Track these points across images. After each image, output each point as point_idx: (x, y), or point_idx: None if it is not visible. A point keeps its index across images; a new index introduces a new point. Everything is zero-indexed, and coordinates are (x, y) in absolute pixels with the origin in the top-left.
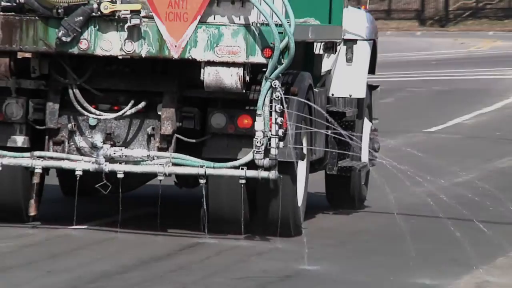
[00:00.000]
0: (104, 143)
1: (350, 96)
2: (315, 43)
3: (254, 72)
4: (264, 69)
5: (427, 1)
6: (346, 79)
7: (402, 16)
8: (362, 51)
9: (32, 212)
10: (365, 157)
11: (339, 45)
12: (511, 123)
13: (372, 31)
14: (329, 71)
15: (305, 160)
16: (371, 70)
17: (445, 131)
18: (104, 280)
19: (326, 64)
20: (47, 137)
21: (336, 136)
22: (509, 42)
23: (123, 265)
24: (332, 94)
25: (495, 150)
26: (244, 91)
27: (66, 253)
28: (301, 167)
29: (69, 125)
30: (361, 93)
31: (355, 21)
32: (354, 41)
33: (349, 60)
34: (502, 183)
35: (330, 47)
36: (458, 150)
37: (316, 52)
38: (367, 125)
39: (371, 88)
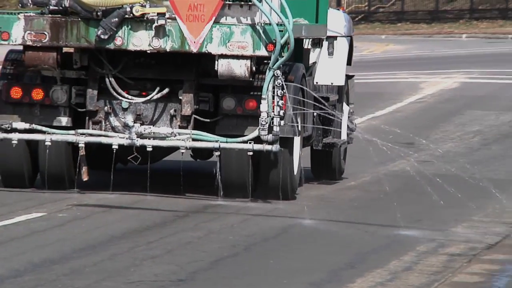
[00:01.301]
0: (134, 123)
1: (332, 84)
2: (304, 39)
3: (259, 63)
4: (268, 61)
5: None
6: (328, 69)
7: None
8: (342, 46)
9: (85, 177)
10: (344, 135)
11: (323, 41)
12: (404, 127)
13: (349, 29)
14: (314, 63)
15: (300, 136)
16: (349, 62)
17: None
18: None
19: (312, 57)
20: (87, 117)
21: (325, 115)
22: (402, 45)
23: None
24: (317, 82)
25: (388, 154)
26: (250, 79)
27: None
28: (296, 142)
29: (106, 108)
30: (341, 81)
31: (335, 21)
32: (335, 38)
33: (330, 53)
34: (395, 185)
35: (317, 43)
36: (351, 154)
37: (305, 47)
38: (345, 108)
39: (348, 77)
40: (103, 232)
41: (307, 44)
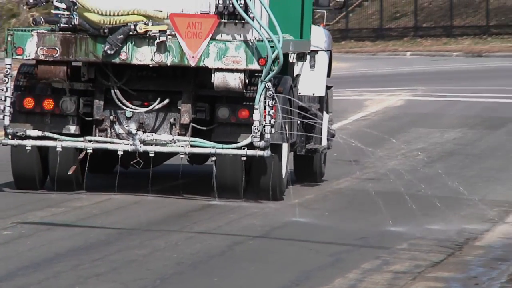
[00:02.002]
0: (137, 130)
1: (314, 94)
2: (290, 53)
3: (251, 76)
4: (259, 74)
5: None
6: (310, 81)
7: None
8: (322, 59)
9: (70, 172)
10: (324, 141)
11: (307, 55)
12: (349, 144)
13: (329, 44)
14: (298, 75)
15: (288, 142)
16: (328, 74)
17: None
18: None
19: (297, 69)
20: (94, 126)
21: (308, 123)
22: (346, 63)
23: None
24: (300, 93)
25: (332, 171)
26: (243, 90)
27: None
28: (285, 148)
29: (111, 117)
30: (322, 92)
31: (316, 36)
32: (316, 52)
33: (312, 66)
34: (339, 203)
35: (302, 57)
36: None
37: (291, 60)
38: (325, 116)
39: (327, 88)
40: (48, 249)
41: (292, 58)
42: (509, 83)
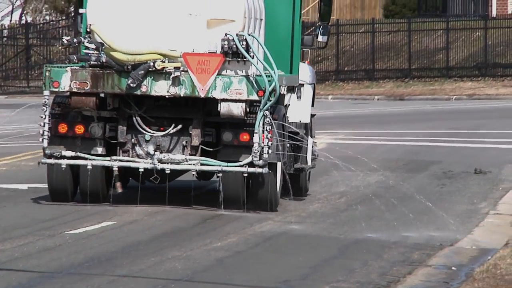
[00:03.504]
0: (155, 151)
1: (300, 121)
2: (282, 86)
3: (251, 106)
4: (258, 104)
5: None
6: (297, 110)
7: None
8: (307, 91)
9: (120, 190)
10: (309, 161)
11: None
12: None
13: (313, 78)
14: (288, 105)
15: (281, 161)
16: (312, 104)
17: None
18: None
19: (286, 99)
20: (118, 147)
21: (296, 146)
22: None
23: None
24: (288, 120)
25: (252, 214)
26: (245, 118)
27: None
28: (279, 166)
29: (132, 140)
30: (307, 119)
31: (302, 71)
32: (302, 85)
33: (299, 97)
34: (261, 246)
35: (291, 89)
36: (219, 216)
37: (282, 92)
38: (310, 140)
39: (311, 116)
40: None
41: (283, 90)
42: (431, 126)
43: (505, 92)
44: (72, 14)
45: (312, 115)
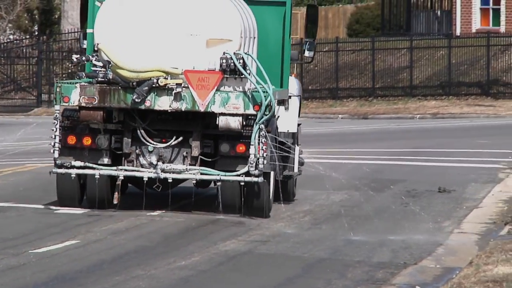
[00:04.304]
0: (157, 162)
1: (288, 131)
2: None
3: (247, 119)
4: (254, 118)
5: None
6: (285, 120)
7: None
8: (294, 103)
9: (115, 201)
10: (296, 168)
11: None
12: None
13: (299, 90)
14: (278, 116)
15: (274, 170)
16: (298, 114)
17: (169, 214)
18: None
19: (276, 111)
20: (123, 158)
21: (284, 155)
22: None
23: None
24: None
25: (220, 233)
26: (241, 130)
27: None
28: (272, 175)
29: (136, 151)
30: (294, 129)
31: (290, 84)
32: (290, 97)
33: (286, 108)
34: (225, 265)
35: (282, 102)
36: (182, 234)
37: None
38: (296, 148)
39: (297, 125)
40: None
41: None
42: (395, 145)
43: (469, 110)
44: (36, 33)
45: (298, 124)
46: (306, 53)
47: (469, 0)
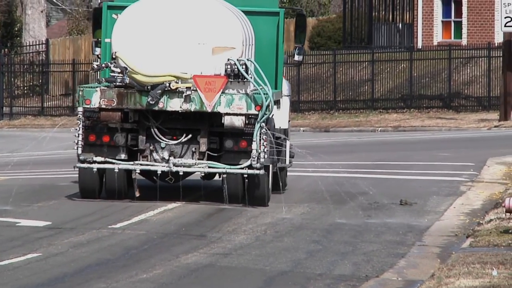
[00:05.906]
0: (169, 157)
1: (280, 127)
2: None
3: (249, 118)
4: (255, 117)
5: None
6: (278, 117)
7: None
8: (285, 102)
9: (137, 194)
10: (287, 161)
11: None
12: (195, 220)
13: (289, 90)
14: (273, 115)
15: (273, 164)
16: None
17: (131, 227)
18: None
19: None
20: (138, 153)
21: (278, 148)
22: None
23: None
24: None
25: (181, 246)
26: (244, 128)
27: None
28: (271, 168)
29: (150, 147)
30: (286, 125)
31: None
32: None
33: (278, 107)
34: (186, 278)
35: (276, 102)
36: (144, 247)
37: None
38: (287, 142)
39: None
40: None
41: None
42: (356, 158)
43: (430, 123)
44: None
45: (288, 121)
46: (296, 57)
47: (430, 13)
